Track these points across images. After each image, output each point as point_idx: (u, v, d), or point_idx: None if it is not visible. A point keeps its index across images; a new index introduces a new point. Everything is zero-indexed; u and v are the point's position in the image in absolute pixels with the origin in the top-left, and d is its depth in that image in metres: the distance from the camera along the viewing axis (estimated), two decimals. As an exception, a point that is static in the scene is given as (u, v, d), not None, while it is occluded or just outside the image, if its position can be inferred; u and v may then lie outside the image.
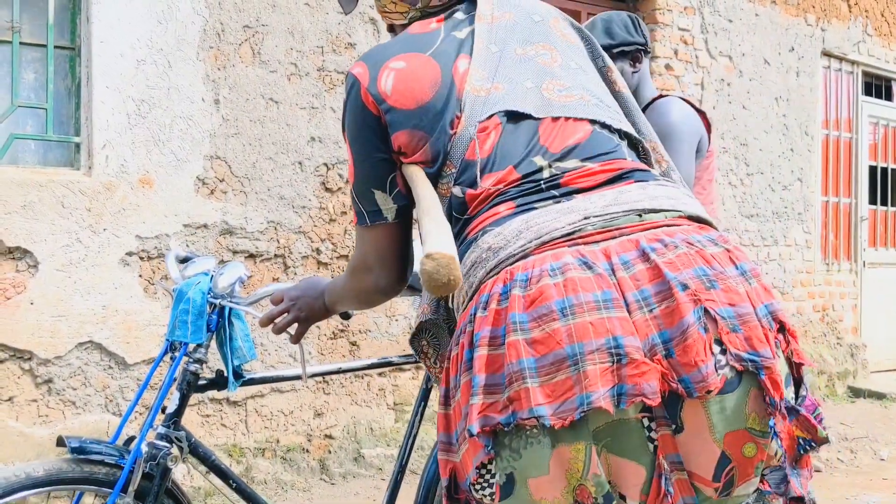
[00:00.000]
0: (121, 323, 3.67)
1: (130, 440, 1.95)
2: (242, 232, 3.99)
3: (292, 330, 1.80)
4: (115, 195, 3.65)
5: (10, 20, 3.59)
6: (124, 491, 1.85)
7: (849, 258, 7.21)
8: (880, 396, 6.52)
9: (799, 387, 1.28)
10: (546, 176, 1.36)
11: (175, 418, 1.94)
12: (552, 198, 1.34)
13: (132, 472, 1.85)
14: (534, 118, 1.39)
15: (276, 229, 4.09)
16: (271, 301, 1.80)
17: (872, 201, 7.49)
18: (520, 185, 1.35)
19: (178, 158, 3.82)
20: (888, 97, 7.68)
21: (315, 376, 2.14)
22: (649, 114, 2.49)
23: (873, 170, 7.52)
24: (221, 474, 2.04)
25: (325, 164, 4.24)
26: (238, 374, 2.02)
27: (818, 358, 6.61)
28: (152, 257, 3.74)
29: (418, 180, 1.40)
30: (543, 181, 1.35)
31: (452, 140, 1.38)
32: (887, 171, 7.70)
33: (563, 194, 1.34)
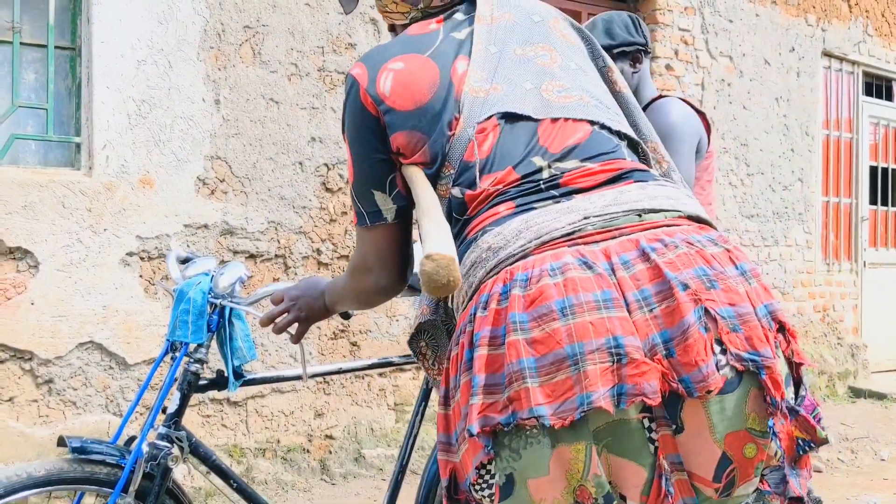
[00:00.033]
0: (121, 323, 3.67)
1: (131, 440, 1.95)
2: (243, 232, 3.99)
3: (293, 330, 1.80)
4: (115, 195, 3.66)
5: (10, 20, 3.60)
6: (125, 491, 1.85)
7: (849, 258, 7.21)
8: (881, 397, 6.52)
9: (798, 387, 1.28)
10: (545, 176, 1.36)
11: (176, 418, 1.94)
12: (552, 198, 1.33)
13: (133, 472, 1.85)
14: (533, 119, 1.40)
15: (276, 229, 4.09)
16: (271, 301, 1.80)
17: (873, 201, 7.49)
18: (519, 186, 1.35)
19: (178, 159, 3.82)
20: (888, 97, 7.67)
21: (315, 376, 2.14)
22: (649, 114, 2.49)
23: (874, 170, 7.52)
24: (222, 474, 2.04)
25: (326, 165, 4.24)
26: (238, 375, 2.02)
27: (819, 358, 6.61)
28: (153, 257, 3.75)
29: (418, 181, 1.41)
30: (543, 181, 1.35)
31: (451, 141, 1.38)
32: (888, 172, 7.69)
33: (563, 194, 1.34)
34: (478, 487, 1.24)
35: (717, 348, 1.18)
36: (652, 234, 1.26)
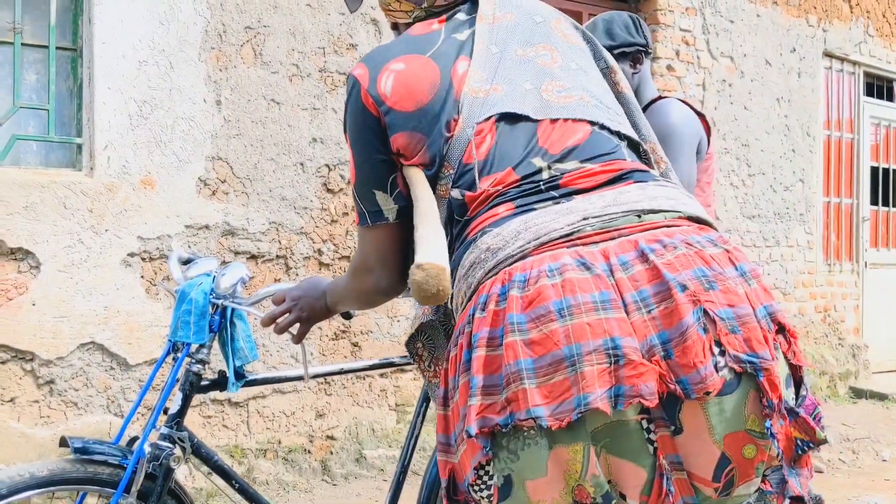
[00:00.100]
0: (122, 324, 3.67)
1: (133, 441, 1.95)
2: (244, 233, 3.99)
3: (294, 330, 1.80)
4: (116, 196, 3.66)
5: (11, 21, 3.60)
6: (127, 491, 1.85)
7: (850, 259, 7.20)
8: (882, 397, 6.52)
9: (799, 387, 1.28)
10: (545, 177, 1.36)
11: (178, 419, 1.94)
12: (551, 199, 1.33)
13: (135, 472, 1.86)
14: (532, 120, 1.40)
15: (277, 230, 4.09)
16: (273, 301, 1.80)
17: (874, 202, 7.49)
18: (519, 186, 1.35)
19: (179, 159, 3.82)
20: (889, 98, 7.67)
21: (317, 377, 2.14)
22: (648, 115, 2.49)
23: (875, 170, 7.51)
24: (224, 475, 2.04)
25: (327, 165, 4.24)
26: (240, 375, 2.02)
27: (820, 358, 6.61)
28: (154, 258, 3.75)
29: (417, 183, 1.41)
30: (543, 182, 1.35)
31: (449, 142, 1.39)
32: (889, 172, 7.69)
33: (563, 195, 1.34)
34: (476, 488, 1.24)
35: (716, 350, 1.18)
36: (651, 235, 1.26)
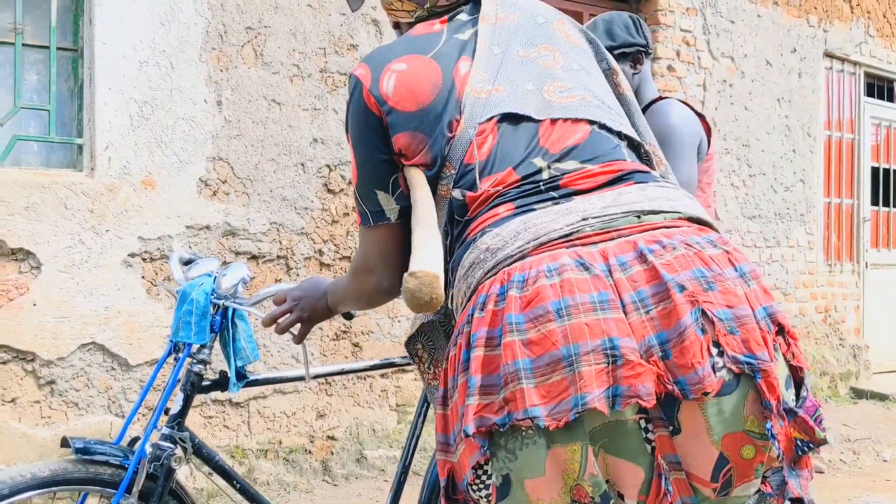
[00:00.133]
0: (123, 324, 3.67)
1: (134, 441, 1.95)
2: (245, 233, 3.99)
3: (295, 330, 1.81)
4: (117, 197, 3.66)
5: (12, 22, 3.60)
6: (128, 491, 1.85)
7: (851, 259, 7.21)
8: (883, 398, 6.51)
9: (800, 388, 1.28)
10: (545, 177, 1.36)
11: (179, 419, 1.94)
12: (551, 199, 1.34)
13: (136, 472, 1.86)
14: (534, 120, 1.40)
15: (278, 230, 4.09)
16: (274, 301, 1.80)
17: (875, 202, 7.49)
18: (519, 187, 1.35)
19: (180, 160, 3.82)
20: (890, 98, 7.67)
21: (318, 377, 2.14)
22: (648, 115, 2.49)
23: (875, 171, 7.52)
24: (225, 475, 2.05)
25: (328, 166, 4.24)
26: (241, 375, 2.02)
27: (821, 359, 6.61)
28: (155, 259, 3.75)
29: (417, 185, 1.41)
30: (543, 182, 1.35)
31: (451, 142, 1.39)
32: (889, 172, 7.69)
33: (563, 196, 1.34)
34: (475, 488, 1.24)
35: (715, 350, 1.18)
36: (650, 236, 1.26)
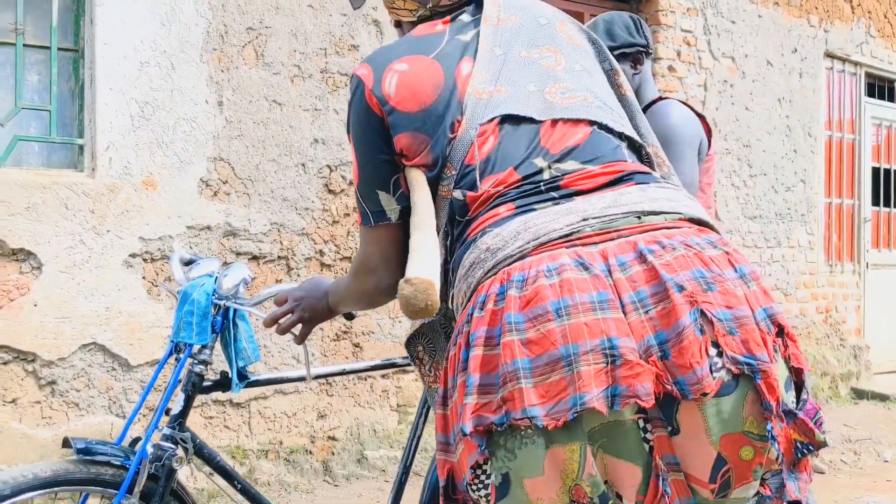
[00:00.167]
0: (124, 325, 3.67)
1: (135, 441, 1.96)
2: (246, 234, 3.99)
3: (296, 331, 1.81)
4: (118, 197, 3.66)
5: (13, 22, 3.60)
6: (130, 492, 1.85)
7: (852, 259, 7.20)
8: (884, 398, 6.51)
9: (800, 390, 1.28)
10: (546, 178, 1.36)
11: (180, 419, 1.94)
12: (552, 199, 1.34)
13: (138, 473, 1.86)
14: (535, 121, 1.40)
15: (279, 231, 4.10)
16: (275, 302, 1.81)
17: (875, 202, 7.49)
18: (520, 187, 1.36)
19: (181, 160, 3.82)
20: (891, 98, 7.67)
21: (318, 378, 2.15)
22: (648, 116, 2.49)
23: (876, 171, 7.51)
24: (226, 475, 2.05)
25: (329, 166, 4.24)
26: (242, 376, 2.02)
27: (821, 359, 6.60)
28: (156, 259, 3.75)
29: (417, 187, 1.41)
30: (543, 183, 1.35)
31: (452, 143, 1.39)
32: (890, 173, 7.69)
33: (563, 196, 1.34)
34: (474, 487, 1.24)
35: (714, 351, 1.18)
36: (650, 237, 1.26)
